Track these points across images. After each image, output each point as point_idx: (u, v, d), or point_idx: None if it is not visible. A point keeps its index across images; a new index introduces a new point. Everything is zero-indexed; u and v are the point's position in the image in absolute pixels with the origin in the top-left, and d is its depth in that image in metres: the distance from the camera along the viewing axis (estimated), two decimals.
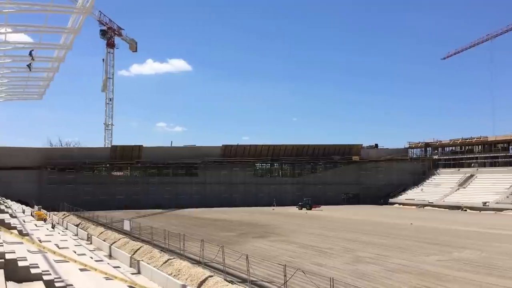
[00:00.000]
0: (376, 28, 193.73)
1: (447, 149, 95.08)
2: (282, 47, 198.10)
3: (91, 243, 29.14)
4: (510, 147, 78.67)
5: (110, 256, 24.64)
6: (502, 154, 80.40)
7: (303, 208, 72.06)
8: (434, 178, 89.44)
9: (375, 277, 20.41)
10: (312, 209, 71.52)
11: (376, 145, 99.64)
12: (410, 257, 26.06)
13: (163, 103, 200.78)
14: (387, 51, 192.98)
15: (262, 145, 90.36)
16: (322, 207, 74.09)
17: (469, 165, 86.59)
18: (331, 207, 76.16)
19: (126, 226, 36.96)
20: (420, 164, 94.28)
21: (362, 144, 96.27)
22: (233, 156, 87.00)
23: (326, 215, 60.33)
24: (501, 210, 65.78)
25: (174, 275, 19.74)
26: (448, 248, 29.40)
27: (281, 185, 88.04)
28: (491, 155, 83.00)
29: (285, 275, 16.50)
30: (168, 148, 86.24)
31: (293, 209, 71.83)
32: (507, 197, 69.05)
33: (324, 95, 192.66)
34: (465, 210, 69.65)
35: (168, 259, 22.92)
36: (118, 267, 19.95)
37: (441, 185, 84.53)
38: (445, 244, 31.70)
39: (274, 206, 77.98)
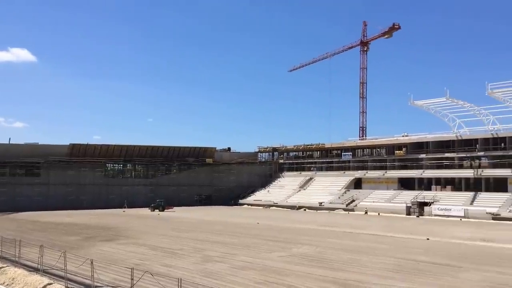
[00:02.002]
0: (233, 32, 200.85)
1: (291, 154, 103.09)
2: (139, 43, 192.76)
3: None
4: (343, 153, 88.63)
5: None
6: (336, 160, 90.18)
7: (156, 210, 71.17)
8: (280, 181, 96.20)
9: (222, 275, 21.14)
10: (165, 210, 71.09)
11: (229, 149, 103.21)
12: (256, 254, 27.57)
13: (0, 96, 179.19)
14: (237, 62, 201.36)
15: (115, 145, 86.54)
16: (176, 208, 74.13)
17: (309, 169, 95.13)
18: (184, 208, 76.61)
19: None
20: (268, 167, 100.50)
21: (216, 147, 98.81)
22: (82, 156, 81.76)
23: (179, 216, 60.46)
24: (333, 209, 73.73)
25: (8, 284, 18.00)
26: (289, 245, 31.85)
27: (134, 187, 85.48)
28: (327, 160, 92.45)
29: (132, 278, 16.28)
30: (5, 145, 76.97)
31: (146, 211, 70.45)
32: (339, 198, 77.68)
33: (179, 98, 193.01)
34: (305, 210, 76.34)
35: (1, 267, 20.73)
36: None
37: (285, 187, 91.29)
38: (287, 241, 34.27)
39: (125, 208, 75.50)
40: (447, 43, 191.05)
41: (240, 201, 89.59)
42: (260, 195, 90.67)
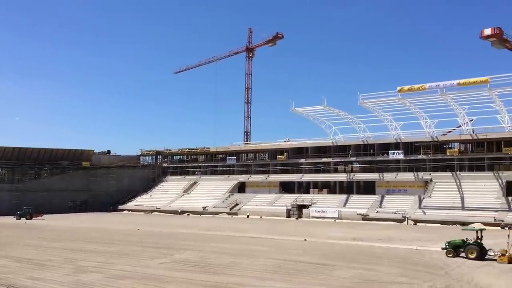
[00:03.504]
0: (114, 32, 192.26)
1: (175, 157, 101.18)
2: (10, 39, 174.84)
3: None
4: (227, 157, 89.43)
5: None
6: (220, 164, 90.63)
7: (22, 218, 64.68)
8: (163, 185, 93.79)
9: (97, 286, 19.74)
10: (33, 218, 64.97)
11: (109, 152, 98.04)
12: (135, 262, 26.28)
13: None
14: (117, 64, 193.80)
15: None
16: (46, 216, 68.22)
17: (193, 173, 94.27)
18: (56, 215, 70.76)
19: None
20: (151, 171, 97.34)
21: (94, 150, 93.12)
22: None
23: (49, 225, 55.59)
24: (217, 213, 73.93)
25: None
26: (170, 251, 30.92)
27: None
28: (212, 164, 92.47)
29: None
30: None
31: (11, 219, 63.77)
32: (223, 202, 78.17)
33: (52, 98, 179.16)
34: (188, 215, 75.36)
35: None
36: None
37: (169, 191, 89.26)
38: (168, 247, 33.29)
39: None
40: (326, 55, 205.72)
41: (120, 206, 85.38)
42: (142, 200, 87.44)
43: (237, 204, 75.80)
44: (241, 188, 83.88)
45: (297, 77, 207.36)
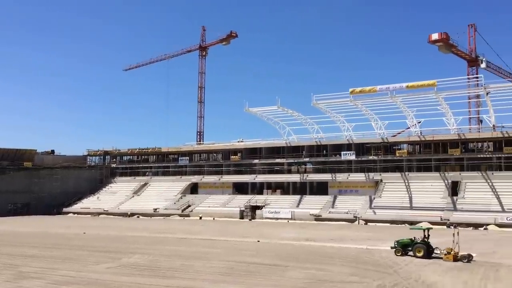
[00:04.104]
0: (58, 27, 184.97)
1: (125, 158, 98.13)
2: None
3: None
4: (180, 158, 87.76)
5: None
6: (172, 164, 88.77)
7: None
8: (111, 186, 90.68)
9: None
10: None
11: (53, 151, 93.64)
12: (80, 267, 25.14)
13: None
14: (62, 60, 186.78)
15: None
16: None
17: (144, 174, 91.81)
18: None
19: None
20: (98, 172, 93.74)
21: (36, 150, 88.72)
22: None
23: None
24: (169, 215, 72.28)
25: None
26: (118, 255, 29.82)
27: None
28: (163, 164, 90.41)
29: None
30: None
31: None
32: (175, 203, 76.58)
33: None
34: (138, 217, 73.18)
35: None
36: None
37: (118, 193, 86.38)
38: (116, 250, 32.14)
39: None
40: (281, 55, 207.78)
41: (65, 209, 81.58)
42: (89, 202, 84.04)
43: (189, 206, 74.50)
44: (193, 189, 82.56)
45: (251, 77, 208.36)
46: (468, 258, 26.69)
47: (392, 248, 29.99)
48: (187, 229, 50.01)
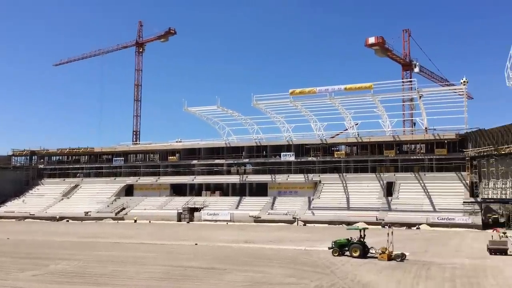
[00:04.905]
0: None
1: (54, 158, 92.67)
2: None
3: None
4: (114, 158, 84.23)
5: None
6: (106, 165, 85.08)
7: None
8: (38, 189, 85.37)
9: None
10: None
11: None
12: (3, 275, 23.42)
13: None
14: None
15: None
16: None
17: (75, 175, 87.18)
18: None
19: None
20: (24, 173, 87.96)
21: None
22: None
23: None
24: (101, 219, 69.10)
25: None
26: (45, 261, 28.14)
27: None
28: (96, 165, 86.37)
29: None
30: None
31: None
32: (108, 206, 73.37)
33: None
34: (68, 221, 69.33)
35: None
36: None
37: (45, 196, 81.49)
38: (43, 257, 30.33)
39: None
40: (221, 55, 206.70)
41: None
42: (13, 206, 78.72)
43: (124, 209, 71.70)
44: (128, 191, 79.67)
45: (191, 76, 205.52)
46: (402, 257, 27.40)
47: (329, 248, 30.29)
48: (121, 233, 48.20)
